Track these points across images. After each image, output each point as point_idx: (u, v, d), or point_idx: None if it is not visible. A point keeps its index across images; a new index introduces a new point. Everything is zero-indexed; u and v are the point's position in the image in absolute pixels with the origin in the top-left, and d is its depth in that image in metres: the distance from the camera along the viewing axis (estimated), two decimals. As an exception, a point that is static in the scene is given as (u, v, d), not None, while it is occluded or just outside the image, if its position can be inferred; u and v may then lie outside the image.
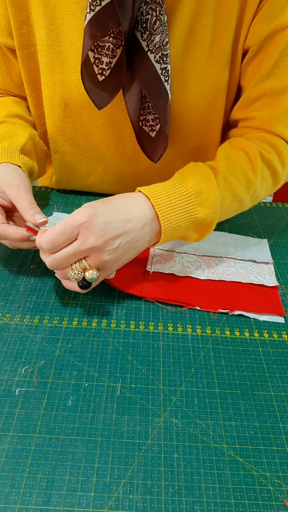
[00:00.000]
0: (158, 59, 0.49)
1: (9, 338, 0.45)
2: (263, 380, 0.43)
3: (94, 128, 0.60)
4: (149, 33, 0.48)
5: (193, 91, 0.55)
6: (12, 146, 0.55)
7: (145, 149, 0.58)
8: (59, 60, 0.54)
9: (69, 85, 0.55)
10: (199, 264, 0.56)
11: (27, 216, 0.47)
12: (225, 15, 0.51)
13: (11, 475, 0.34)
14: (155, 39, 0.48)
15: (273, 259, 0.58)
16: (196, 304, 0.50)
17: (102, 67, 0.50)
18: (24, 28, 0.55)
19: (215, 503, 0.33)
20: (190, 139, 0.62)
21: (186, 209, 0.47)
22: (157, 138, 0.56)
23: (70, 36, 0.53)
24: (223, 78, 0.56)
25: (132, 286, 0.51)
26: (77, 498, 0.33)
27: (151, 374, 0.42)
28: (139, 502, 0.33)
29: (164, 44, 0.48)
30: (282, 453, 0.37)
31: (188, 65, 0.54)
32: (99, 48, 0.49)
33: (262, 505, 0.33)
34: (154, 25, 0.47)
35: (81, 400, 0.40)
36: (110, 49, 0.49)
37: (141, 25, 0.48)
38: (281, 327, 0.49)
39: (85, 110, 0.57)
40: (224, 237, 0.61)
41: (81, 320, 0.48)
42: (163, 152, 0.57)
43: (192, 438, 0.37)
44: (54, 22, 0.52)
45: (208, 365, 0.44)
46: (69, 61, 0.54)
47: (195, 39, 0.52)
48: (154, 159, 0.58)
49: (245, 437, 0.38)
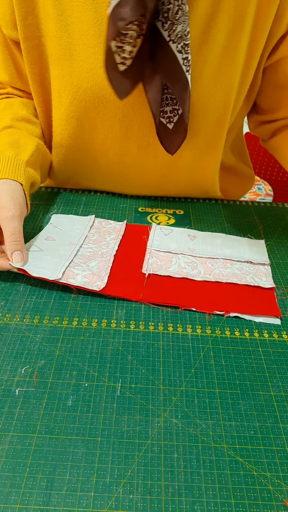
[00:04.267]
0: (180, 49, 0.49)
1: (9, 338, 0.45)
2: (263, 380, 0.43)
3: (100, 123, 0.59)
4: (170, 23, 0.47)
5: (205, 88, 0.55)
6: (18, 159, 0.55)
7: (163, 141, 0.58)
8: (68, 51, 0.54)
9: (77, 77, 0.55)
10: (196, 265, 0.56)
11: (6, 250, 0.49)
12: (240, 16, 0.51)
13: (11, 475, 0.34)
14: (177, 28, 0.47)
15: (270, 260, 0.58)
16: (191, 306, 0.50)
17: (124, 56, 0.49)
18: (29, 19, 0.54)
19: (215, 503, 0.33)
20: (196, 138, 0.62)
21: None
22: (175, 129, 0.56)
23: (79, 27, 0.52)
24: (235, 79, 0.56)
25: (126, 291, 0.51)
26: (77, 498, 0.33)
27: (151, 374, 0.42)
28: (139, 502, 0.33)
29: (186, 33, 0.48)
30: (282, 453, 0.37)
31: (201, 62, 0.54)
32: (121, 36, 0.48)
33: (262, 505, 0.33)
34: (176, 15, 0.47)
35: (81, 400, 0.40)
36: (133, 37, 0.48)
37: (162, 15, 0.47)
38: (281, 327, 0.49)
39: (93, 104, 0.57)
40: (221, 238, 0.61)
41: (81, 320, 0.48)
42: (180, 143, 0.57)
43: (192, 438, 0.37)
44: (63, 13, 0.52)
45: (208, 365, 0.44)
46: (78, 53, 0.53)
47: (209, 36, 0.52)
48: (171, 151, 0.58)
49: (245, 437, 0.38)
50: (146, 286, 0.52)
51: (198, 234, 0.62)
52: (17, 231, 0.49)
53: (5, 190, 0.51)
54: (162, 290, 0.52)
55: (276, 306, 0.51)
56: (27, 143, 0.58)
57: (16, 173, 0.53)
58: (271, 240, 0.63)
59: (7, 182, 0.52)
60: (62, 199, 0.69)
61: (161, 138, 0.58)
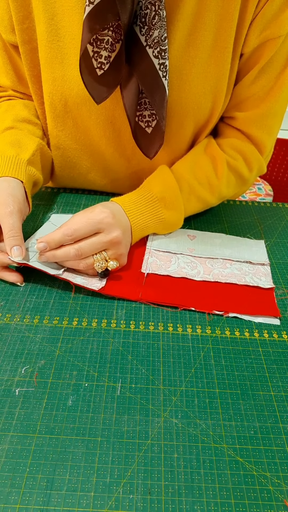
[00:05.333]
0: (157, 54, 0.49)
1: (9, 338, 0.45)
2: (263, 380, 0.43)
3: (94, 125, 0.60)
4: (147, 28, 0.47)
5: (194, 90, 0.55)
6: (19, 158, 0.55)
7: (141, 145, 0.58)
8: (59, 55, 0.54)
9: (69, 81, 0.55)
10: (195, 265, 0.56)
11: (5, 245, 0.49)
12: (228, 15, 0.51)
13: (11, 475, 0.34)
14: (153, 34, 0.47)
15: (270, 260, 0.58)
16: (191, 306, 0.50)
17: (101, 61, 0.50)
18: (26, 23, 0.54)
19: (215, 503, 0.33)
20: (189, 138, 0.62)
21: (153, 213, 0.56)
22: (153, 134, 0.56)
23: (70, 31, 0.53)
24: (223, 78, 0.56)
25: (125, 290, 0.51)
26: (77, 498, 0.33)
27: (151, 374, 0.42)
28: (139, 502, 0.33)
29: (163, 39, 0.48)
30: (282, 453, 0.37)
31: (190, 63, 0.53)
32: (98, 42, 0.49)
33: (262, 505, 0.33)
34: (153, 20, 0.47)
35: (81, 400, 0.40)
36: (109, 42, 0.49)
37: (139, 20, 0.48)
38: (281, 327, 0.49)
39: (85, 107, 0.57)
40: (220, 238, 0.61)
41: (81, 320, 0.48)
42: (158, 148, 0.57)
43: (192, 438, 0.37)
44: (54, 17, 0.52)
45: (208, 365, 0.44)
46: (69, 56, 0.54)
47: (196, 37, 0.52)
48: (149, 156, 0.58)
49: (245, 437, 0.38)
50: (145, 286, 0.52)
51: (198, 234, 0.62)
52: (15, 227, 0.49)
53: (4, 187, 0.51)
54: (161, 289, 0.52)
55: (275, 306, 0.51)
56: (28, 143, 0.58)
57: (16, 171, 0.54)
58: (271, 240, 0.63)
59: (7, 180, 0.52)
60: (62, 200, 0.69)
61: (138, 142, 0.58)
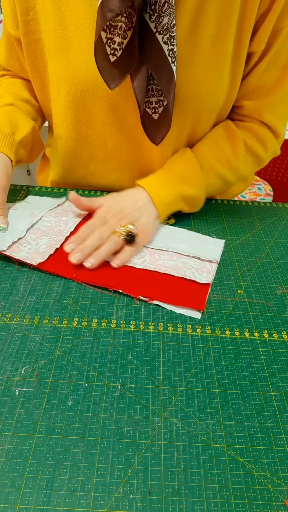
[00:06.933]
0: (166, 40, 0.50)
1: (9, 338, 0.45)
2: (263, 380, 0.43)
3: (97, 113, 0.61)
4: (157, 15, 0.49)
5: (196, 79, 0.56)
6: (13, 138, 0.60)
7: (148, 131, 0.59)
8: (64, 44, 0.56)
9: (73, 68, 0.57)
10: (144, 254, 0.57)
11: None
12: (229, 6, 0.52)
13: (11, 475, 0.34)
14: (163, 20, 0.49)
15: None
16: (119, 288, 0.51)
17: (114, 47, 0.51)
18: (30, 14, 0.58)
19: (215, 503, 0.33)
20: (190, 126, 0.63)
21: (175, 190, 0.61)
22: (160, 120, 0.57)
23: (75, 20, 0.55)
24: (226, 69, 0.57)
25: (62, 269, 0.53)
26: (77, 498, 0.33)
27: (151, 374, 0.42)
28: (139, 502, 0.33)
29: (172, 26, 0.49)
30: (282, 453, 0.37)
31: (191, 52, 0.54)
32: (111, 28, 0.49)
33: (262, 505, 0.33)
34: (162, 7, 0.48)
35: (81, 400, 0.40)
36: (122, 29, 0.50)
37: (149, 7, 0.49)
38: (281, 327, 0.49)
39: (88, 94, 0.59)
40: (181, 233, 0.62)
41: (81, 320, 0.48)
42: (165, 134, 0.58)
43: (192, 438, 0.37)
44: (60, 7, 0.55)
45: (208, 365, 0.44)
46: (74, 45, 0.56)
47: (198, 26, 0.53)
48: (155, 142, 0.59)
49: (245, 437, 0.38)
50: (83, 267, 0.53)
51: (163, 228, 0.63)
52: (3, 202, 0.57)
53: (1, 163, 0.58)
54: (98, 272, 0.53)
55: (203, 300, 0.51)
56: (24, 124, 0.64)
57: (9, 149, 0.60)
58: (271, 240, 0.63)
59: (2, 156, 0.59)
60: (62, 199, 0.69)
61: (146, 128, 0.59)
